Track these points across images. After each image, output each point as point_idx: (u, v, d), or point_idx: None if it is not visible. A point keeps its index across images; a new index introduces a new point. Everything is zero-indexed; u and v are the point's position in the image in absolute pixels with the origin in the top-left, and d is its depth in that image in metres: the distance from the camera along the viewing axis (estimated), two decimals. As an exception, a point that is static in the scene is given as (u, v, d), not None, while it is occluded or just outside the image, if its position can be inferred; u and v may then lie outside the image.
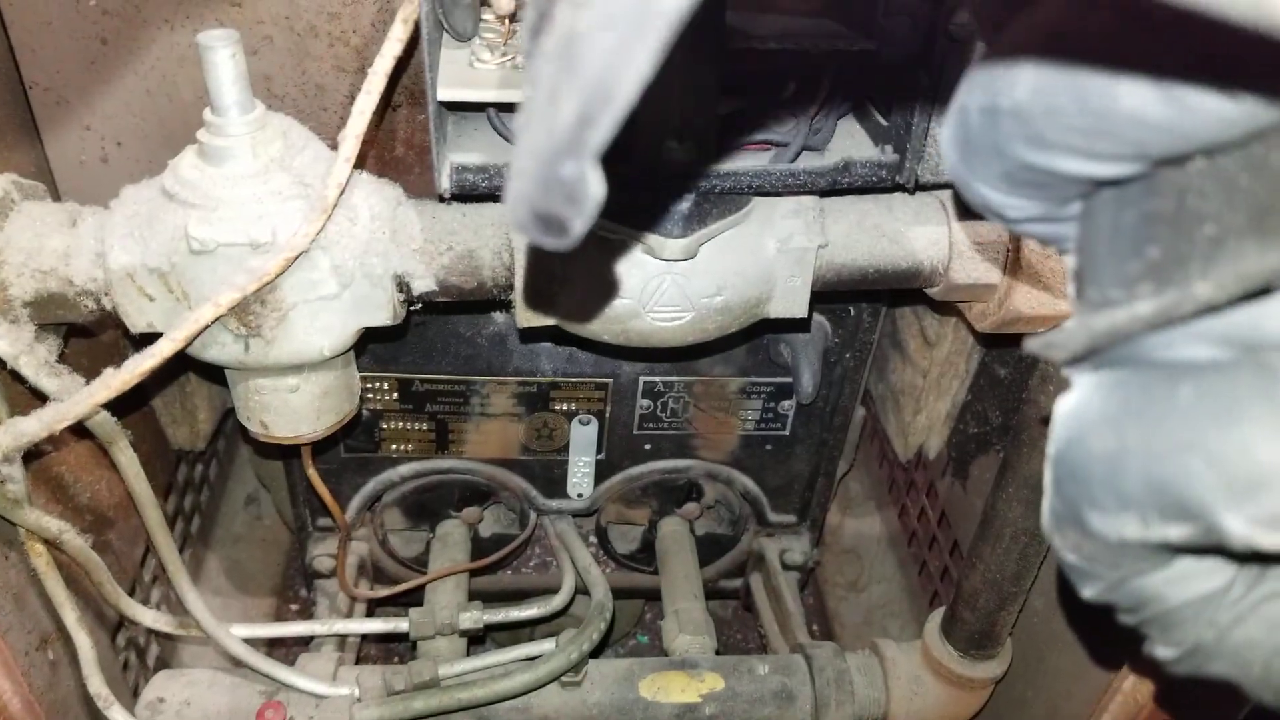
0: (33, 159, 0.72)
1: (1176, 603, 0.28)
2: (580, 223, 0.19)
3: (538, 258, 0.65)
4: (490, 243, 0.67)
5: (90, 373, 0.67)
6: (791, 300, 0.70)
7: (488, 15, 0.65)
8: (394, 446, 1.00)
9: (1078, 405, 0.26)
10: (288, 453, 0.96)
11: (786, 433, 1.03)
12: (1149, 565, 0.27)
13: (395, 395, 0.95)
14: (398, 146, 0.75)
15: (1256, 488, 0.22)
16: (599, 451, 1.02)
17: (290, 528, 1.14)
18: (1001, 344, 0.96)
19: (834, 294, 0.79)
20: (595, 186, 0.18)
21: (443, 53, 0.63)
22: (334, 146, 0.64)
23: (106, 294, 0.67)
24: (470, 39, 0.64)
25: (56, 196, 0.73)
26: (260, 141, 0.63)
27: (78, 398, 0.66)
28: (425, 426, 0.98)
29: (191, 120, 0.63)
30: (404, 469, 1.01)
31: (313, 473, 0.81)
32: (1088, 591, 0.29)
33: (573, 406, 0.98)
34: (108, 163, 0.73)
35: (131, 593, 0.87)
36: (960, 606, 0.89)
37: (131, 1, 0.67)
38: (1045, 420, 0.27)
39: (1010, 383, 0.96)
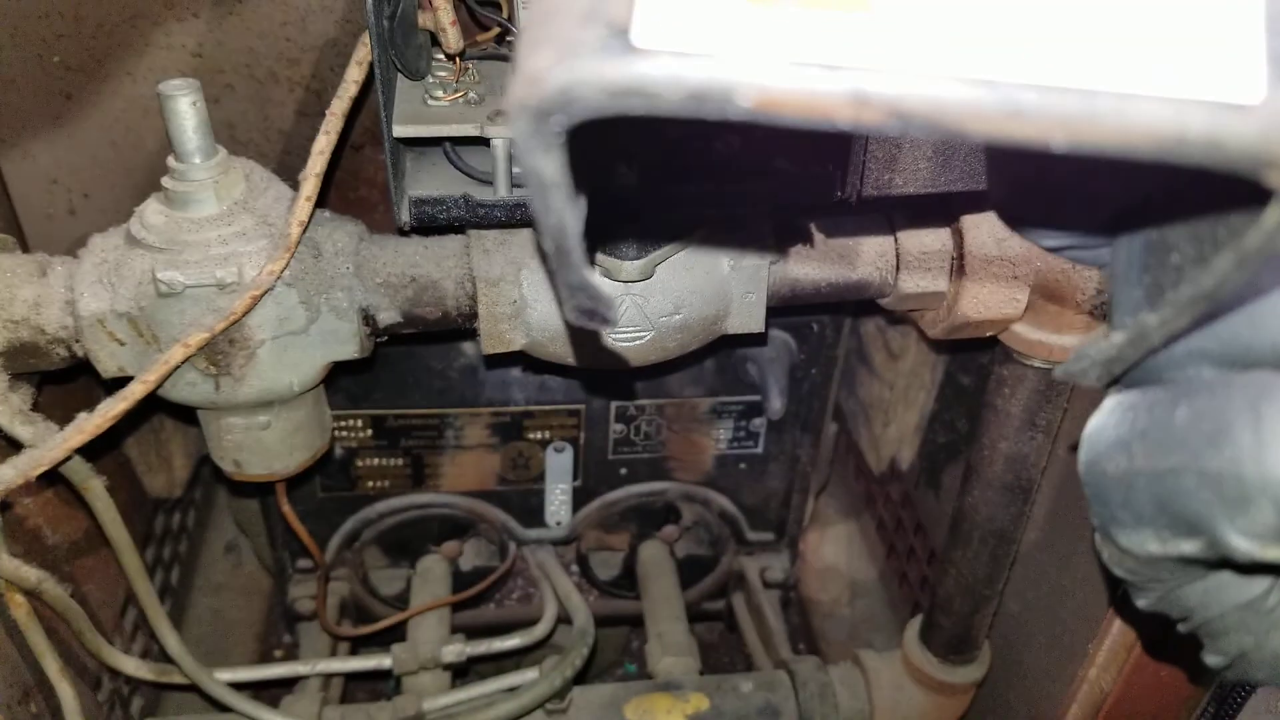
0: (1, 213, 0.74)
1: (1218, 611, 0.29)
2: (611, 312, 0.24)
3: (497, 286, 0.67)
4: (452, 273, 0.69)
5: (64, 420, 0.67)
6: (748, 316, 0.72)
7: (439, 55, 0.67)
8: (370, 484, 1.00)
9: (1097, 427, 0.28)
10: (264, 492, 0.97)
11: (760, 450, 1.05)
12: (1188, 576, 0.28)
13: (369, 432, 0.96)
14: (361, 186, 0.77)
15: (1246, 502, 0.24)
16: (575, 478, 1.03)
17: (270, 572, 1.14)
18: (964, 352, 0.98)
19: (793, 309, 0.81)
20: (601, 285, 0.24)
21: (398, 92, 0.66)
22: (297, 188, 0.66)
23: (78, 341, 0.68)
24: (423, 78, 0.67)
25: (26, 249, 0.74)
26: (224, 185, 0.65)
27: (52, 443, 0.67)
28: (401, 462, 0.99)
29: (157, 170, 0.65)
30: (381, 506, 1.02)
31: (287, 509, 0.81)
32: (1141, 602, 0.31)
33: (547, 435, 1.00)
34: (75, 214, 0.75)
35: (111, 643, 0.86)
36: (936, 612, 0.90)
37: (94, 56, 0.69)
38: (1073, 448, 0.29)
39: (974, 390, 0.98)
